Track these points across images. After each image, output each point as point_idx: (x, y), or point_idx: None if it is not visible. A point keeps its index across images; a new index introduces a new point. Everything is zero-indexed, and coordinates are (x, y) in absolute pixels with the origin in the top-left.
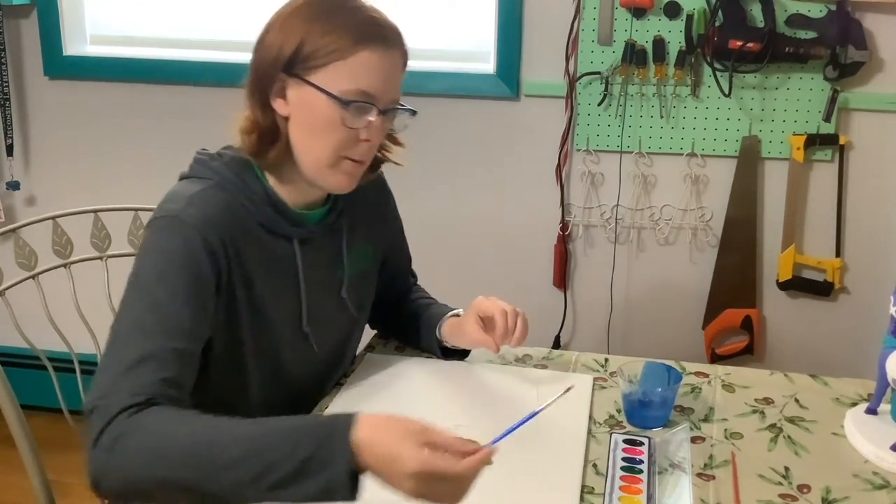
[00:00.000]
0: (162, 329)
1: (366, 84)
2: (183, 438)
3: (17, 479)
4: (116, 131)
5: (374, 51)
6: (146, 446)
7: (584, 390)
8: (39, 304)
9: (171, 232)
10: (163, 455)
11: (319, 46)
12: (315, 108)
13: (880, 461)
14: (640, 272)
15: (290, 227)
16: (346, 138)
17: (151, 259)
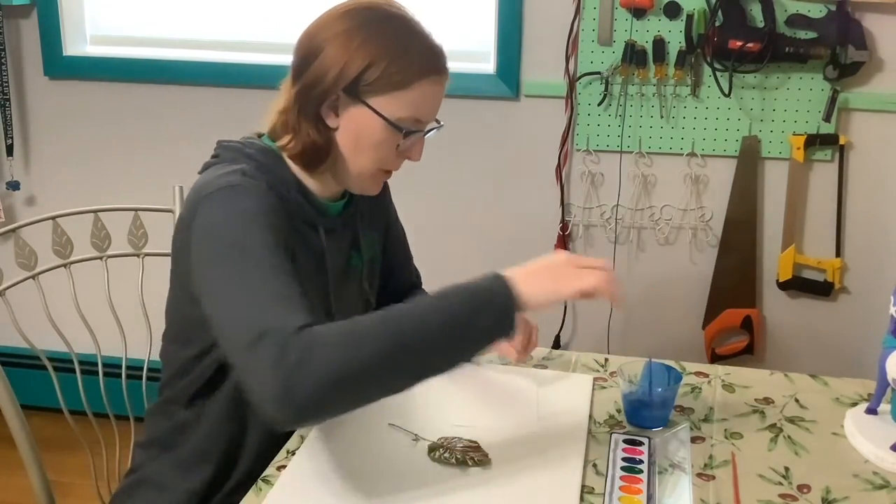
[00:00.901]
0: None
1: (422, 113)
2: (372, 328)
3: (17, 479)
4: (116, 131)
5: (433, 82)
6: (339, 342)
7: (584, 390)
8: (39, 304)
9: (240, 197)
10: (358, 344)
11: (385, 74)
12: (368, 129)
13: (880, 461)
14: (640, 272)
15: (316, 216)
16: (391, 156)
17: (238, 221)
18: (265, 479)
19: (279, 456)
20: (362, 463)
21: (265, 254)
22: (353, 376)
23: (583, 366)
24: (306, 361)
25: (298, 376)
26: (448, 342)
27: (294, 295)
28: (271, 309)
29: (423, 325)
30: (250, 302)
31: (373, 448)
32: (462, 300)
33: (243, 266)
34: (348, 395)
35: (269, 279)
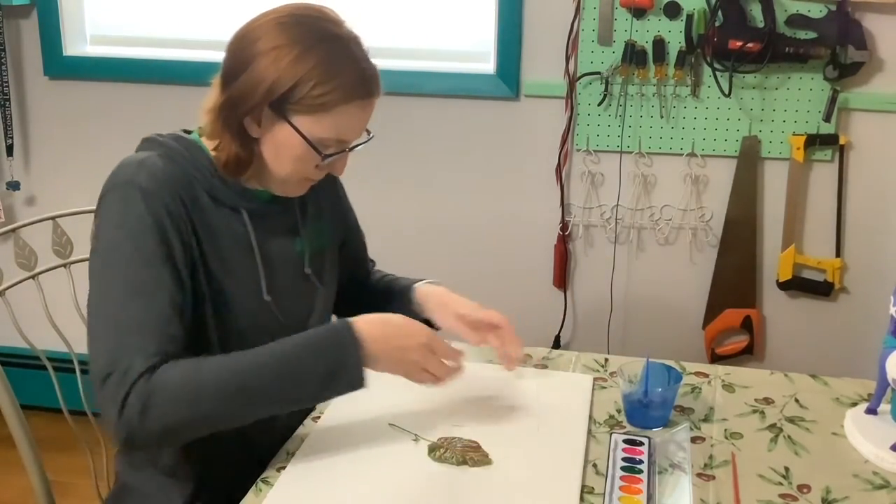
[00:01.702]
0: (151, 290)
1: (344, 135)
2: (212, 380)
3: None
4: (116, 131)
5: (357, 105)
6: (179, 396)
7: (584, 390)
8: (39, 304)
9: (129, 200)
10: (198, 399)
11: (310, 95)
12: (289, 145)
13: (880, 461)
14: (640, 272)
15: (238, 200)
16: (312, 170)
17: (117, 230)
18: (265, 480)
19: (279, 456)
20: (362, 463)
21: (135, 270)
22: (189, 426)
23: (583, 366)
24: (146, 412)
25: (139, 424)
26: (290, 404)
27: (151, 322)
28: (124, 342)
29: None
30: (107, 331)
31: (373, 448)
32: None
33: (109, 288)
34: (186, 437)
35: (130, 304)
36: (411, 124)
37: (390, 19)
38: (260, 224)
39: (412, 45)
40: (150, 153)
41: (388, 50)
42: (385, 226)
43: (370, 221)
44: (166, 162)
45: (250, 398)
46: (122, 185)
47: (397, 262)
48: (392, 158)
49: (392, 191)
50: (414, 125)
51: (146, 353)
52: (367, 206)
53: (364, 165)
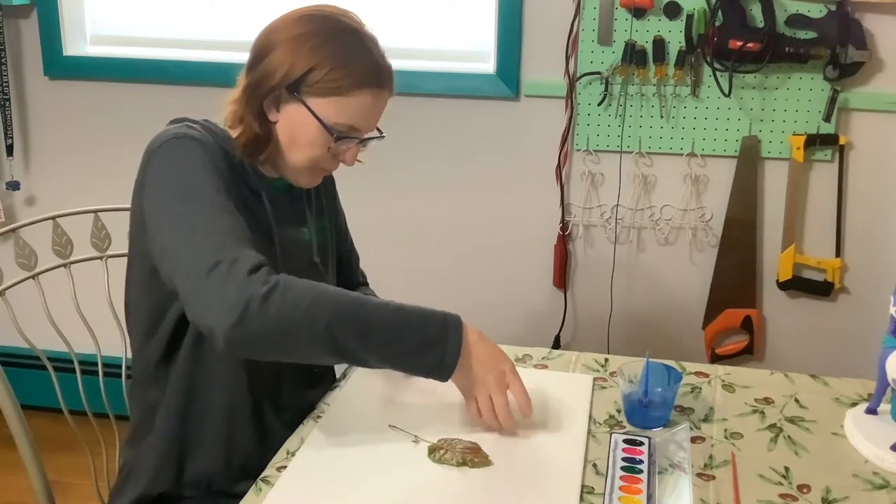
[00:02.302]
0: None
1: (357, 121)
2: (335, 295)
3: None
4: (116, 131)
5: (372, 94)
6: (303, 296)
7: (584, 390)
8: (39, 304)
9: (187, 147)
10: (318, 306)
11: (326, 79)
12: (303, 127)
13: (880, 461)
14: (640, 272)
15: (260, 183)
16: (325, 157)
17: (183, 168)
18: (265, 480)
19: (279, 456)
20: (362, 463)
21: (215, 195)
22: (297, 334)
23: (583, 366)
24: (269, 298)
25: (258, 308)
26: (381, 354)
27: (246, 235)
28: (229, 241)
29: (376, 327)
30: (206, 234)
31: (373, 449)
32: (421, 328)
33: (196, 205)
34: (282, 346)
35: (222, 216)
36: (411, 124)
37: (391, 19)
38: (277, 209)
39: (412, 45)
40: (190, 123)
41: (389, 50)
42: (385, 225)
43: (370, 221)
44: (206, 133)
45: (359, 326)
46: (175, 138)
47: (397, 262)
48: (392, 158)
49: (392, 190)
50: (414, 125)
51: (253, 253)
52: (366, 205)
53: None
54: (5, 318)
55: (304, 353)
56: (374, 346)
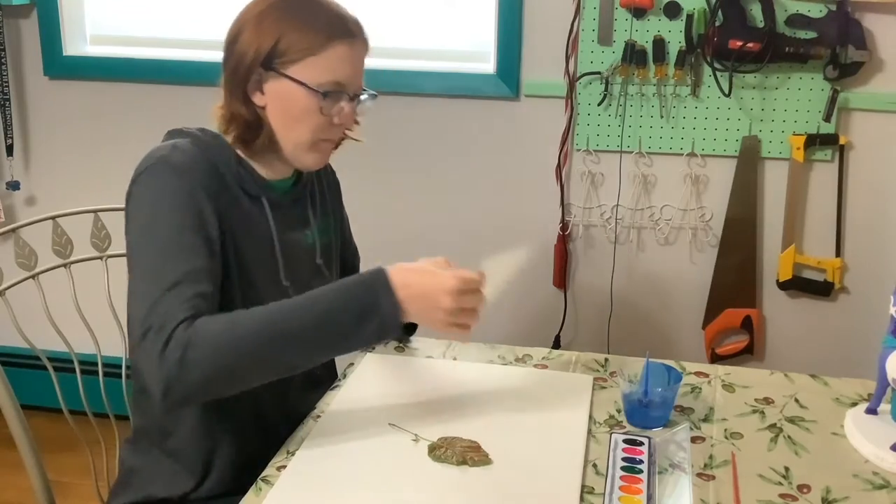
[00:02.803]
0: (186, 254)
1: (339, 75)
2: (250, 325)
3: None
4: (116, 131)
5: (344, 44)
6: (219, 343)
7: (584, 390)
8: (39, 304)
9: (164, 176)
10: (237, 345)
11: (294, 43)
12: (293, 99)
13: (880, 461)
14: (640, 272)
15: (258, 189)
16: (322, 123)
17: (153, 205)
18: (265, 480)
19: (279, 456)
20: (362, 463)
21: (171, 236)
22: (229, 375)
23: (583, 366)
24: (185, 360)
25: (178, 373)
26: (326, 349)
27: (187, 280)
28: (161, 299)
29: (303, 332)
30: (145, 292)
31: (373, 448)
32: (346, 308)
33: (146, 253)
34: (225, 389)
35: (167, 265)
36: (411, 124)
37: (390, 19)
38: (277, 215)
39: (412, 45)
40: (175, 140)
41: (389, 50)
42: (385, 225)
43: (370, 221)
44: (196, 147)
45: (287, 341)
46: (156, 163)
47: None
48: (392, 158)
49: (392, 190)
50: (414, 125)
51: (183, 307)
52: (366, 205)
53: (364, 165)
54: (5, 318)
55: (257, 381)
56: (313, 347)
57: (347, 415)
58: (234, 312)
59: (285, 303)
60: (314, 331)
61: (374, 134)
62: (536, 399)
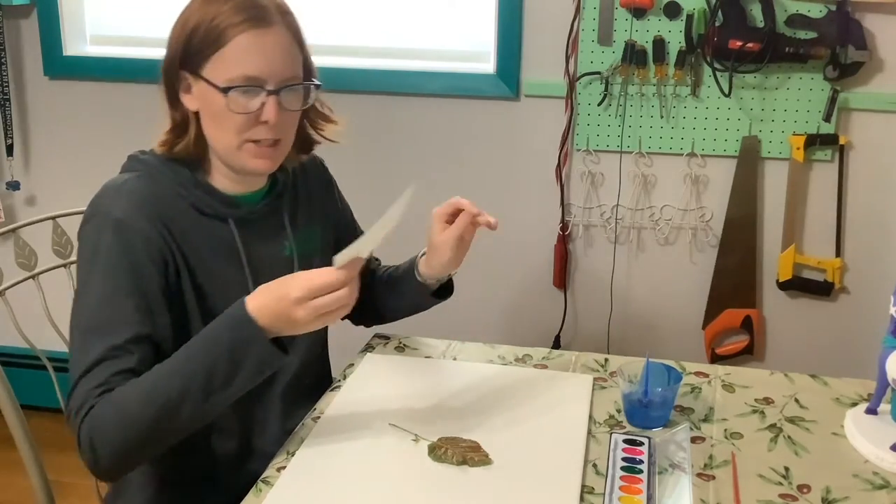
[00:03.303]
0: (111, 327)
1: (247, 68)
2: (137, 400)
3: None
4: (116, 131)
5: (248, 34)
6: (115, 426)
7: (584, 390)
8: (39, 304)
9: (104, 231)
10: (130, 420)
11: (202, 40)
12: (210, 100)
13: (880, 461)
14: (640, 272)
15: (223, 208)
16: (244, 122)
17: (91, 262)
18: (265, 480)
19: (279, 456)
20: (362, 463)
21: (99, 307)
22: (136, 449)
23: (583, 366)
24: (95, 449)
25: (94, 462)
26: (218, 399)
27: (108, 359)
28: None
29: (187, 394)
30: (71, 369)
31: (373, 448)
32: (219, 355)
33: (77, 319)
34: (144, 457)
35: (89, 342)
36: (411, 124)
37: (391, 19)
38: (248, 230)
39: (412, 45)
40: (132, 175)
41: (389, 50)
42: None
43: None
44: (147, 182)
45: (176, 407)
46: (97, 216)
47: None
48: (392, 158)
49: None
50: (414, 125)
51: (96, 391)
52: (366, 205)
53: (364, 165)
54: (5, 318)
55: (170, 442)
56: (202, 403)
57: (347, 415)
58: (128, 385)
59: (165, 367)
60: (197, 391)
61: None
62: (536, 399)
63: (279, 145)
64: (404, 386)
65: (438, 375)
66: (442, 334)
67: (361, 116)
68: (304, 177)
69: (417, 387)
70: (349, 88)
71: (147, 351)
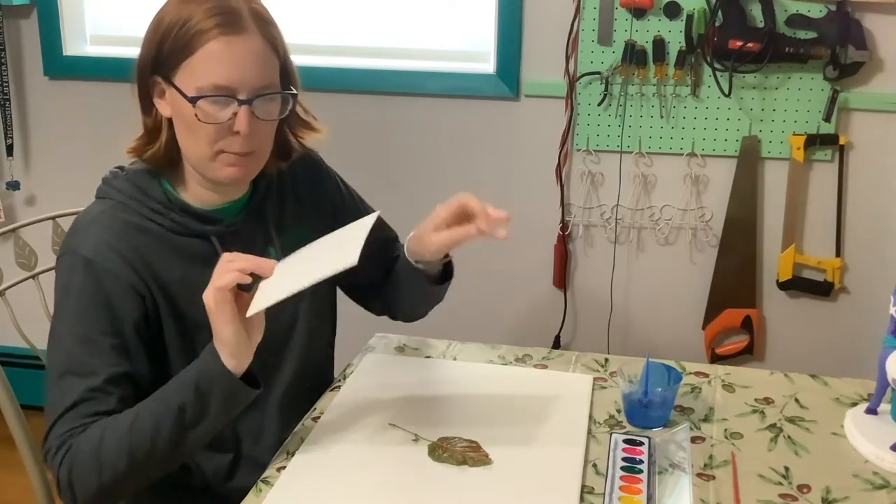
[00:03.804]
0: (88, 369)
1: (217, 77)
2: (111, 439)
3: (17, 479)
4: (116, 131)
5: (218, 41)
6: (91, 470)
7: (584, 390)
8: (39, 304)
9: (74, 270)
10: (107, 461)
11: (173, 47)
12: (181, 108)
13: (880, 461)
14: (640, 272)
15: (202, 226)
16: (216, 132)
17: (63, 301)
18: (265, 480)
19: (279, 456)
20: (362, 463)
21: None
22: (114, 488)
23: (583, 366)
24: (73, 490)
25: (72, 494)
26: (193, 438)
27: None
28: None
29: (159, 432)
30: (48, 407)
31: (373, 448)
32: (188, 394)
33: (53, 358)
34: (123, 494)
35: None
36: (411, 124)
37: (391, 19)
38: (233, 242)
39: (412, 45)
40: (103, 206)
41: (389, 50)
42: None
43: None
44: (118, 213)
45: (146, 447)
46: (69, 255)
47: None
48: (392, 158)
49: (391, 190)
50: (414, 125)
51: (75, 431)
52: None
53: (364, 165)
54: (5, 318)
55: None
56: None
57: (347, 415)
58: (105, 423)
59: (140, 407)
60: (170, 428)
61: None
62: (536, 399)
63: (253, 156)
64: (404, 386)
65: (438, 375)
66: (442, 334)
67: (361, 116)
68: (292, 177)
69: (417, 387)
70: (349, 88)
71: (126, 389)
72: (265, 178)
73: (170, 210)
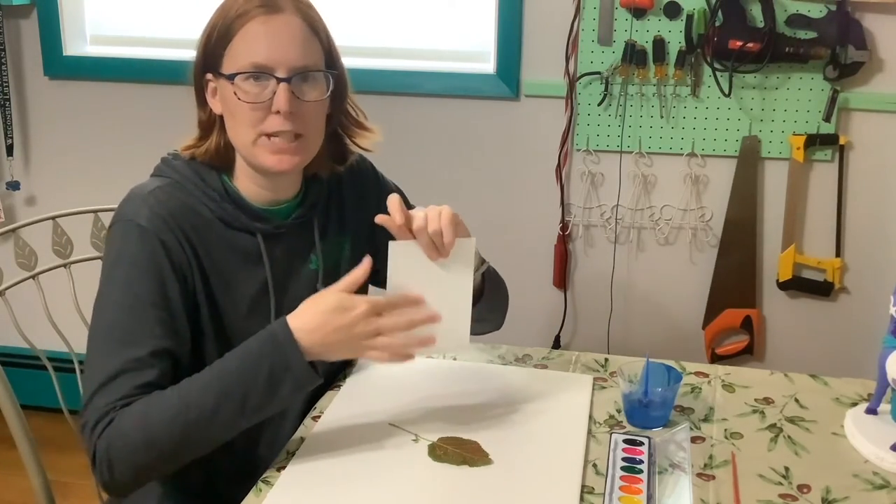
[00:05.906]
0: (133, 338)
1: (255, 55)
2: (163, 416)
3: (17, 479)
4: (116, 131)
5: (255, 21)
6: (137, 443)
7: (584, 390)
8: (39, 304)
9: (128, 237)
10: (153, 437)
11: (216, 39)
12: (225, 95)
13: (880, 461)
14: (640, 272)
15: (251, 222)
16: (257, 112)
17: (114, 267)
18: (265, 480)
19: (279, 457)
20: (362, 463)
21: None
22: (157, 466)
23: (583, 366)
24: (112, 466)
25: (110, 478)
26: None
27: (129, 371)
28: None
29: (215, 415)
30: (91, 372)
31: (373, 448)
32: (256, 378)
33: (98, 325)
34: (162, 473)
35: (111, 351)
36: (411, 124)
37: (391, 19)
38: (276, 244)
39: (412, 45)
40: (160, 182)
41: (388, 50)
42: None
43: None
44: (174, 191)
45: (201, 425)
46: (124, 222)
47: None
48: (391, 158)
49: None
50: (414, 125)
51: (117, 404)
52: None
53: None
54: (5, 318)
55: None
56: (230, 423)
57: (347, 415)
58: (149, 399)
59: (194, 381)
60: (227, 410)
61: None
62: (536, 399)
63: (301, 141)
64: (404, 386)
65: (438, 375)
66: None
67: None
68: (339, 186)
69: (417, 387)
70: None
71: (167, 366)
72: (317, 184)
73: (224, 200)
